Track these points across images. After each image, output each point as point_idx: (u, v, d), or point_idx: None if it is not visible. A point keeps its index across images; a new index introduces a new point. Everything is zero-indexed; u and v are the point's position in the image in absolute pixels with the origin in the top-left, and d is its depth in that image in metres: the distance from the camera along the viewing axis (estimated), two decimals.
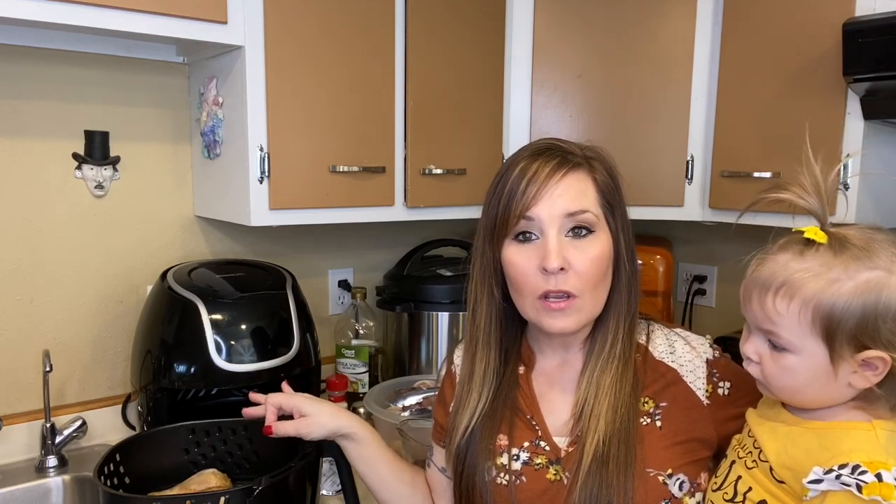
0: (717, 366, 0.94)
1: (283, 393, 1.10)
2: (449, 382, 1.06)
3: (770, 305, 0.75)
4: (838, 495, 0.69)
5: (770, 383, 0.79)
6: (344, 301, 1.93)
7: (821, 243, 0.75)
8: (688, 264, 2.12)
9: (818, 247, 0.75)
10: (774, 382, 0.78)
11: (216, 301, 1.38)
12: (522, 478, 0.91)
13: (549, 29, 1.76)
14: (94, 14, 1.19)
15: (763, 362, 0.78)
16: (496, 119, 1.79)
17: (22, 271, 1.45)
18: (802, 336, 0.73)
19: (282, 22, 1.39)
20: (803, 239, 0.76)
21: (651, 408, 0.91)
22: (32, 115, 1.43)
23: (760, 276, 0.77)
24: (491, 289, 0.95)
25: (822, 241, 0.75)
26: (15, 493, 1.35)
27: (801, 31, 1.47)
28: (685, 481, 0.87)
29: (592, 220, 0.88)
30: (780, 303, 0.74)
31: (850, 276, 0.72)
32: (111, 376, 1.58)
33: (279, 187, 1.43)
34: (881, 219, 1.53)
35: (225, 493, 1.04)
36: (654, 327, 0.99)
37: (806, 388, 0.76)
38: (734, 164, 1.62)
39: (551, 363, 0.98)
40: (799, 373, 0.75)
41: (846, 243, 0.74)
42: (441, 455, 1.03)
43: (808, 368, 0.74)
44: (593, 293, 0.89)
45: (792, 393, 0.78)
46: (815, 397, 0.76)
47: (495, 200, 0.91)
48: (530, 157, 0.90)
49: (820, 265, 0.73)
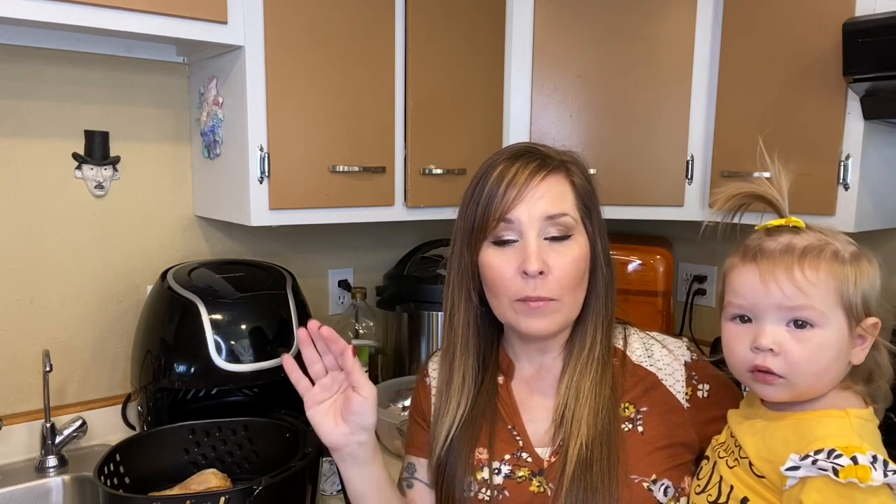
0: (696, 368, 0.94)
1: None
2: (424, 395, 1.03)
3: (800, 276, 0.74)
4: (816, 481, 0.69)
5: (797, 371, 0.75)
6: (344, 301, 1.93)
7: (802, 228, 0.79)
8: (688, 264, 2.12)
9: (802, 230, 0.79)
10: (803, 368, 0.75)
11: (216, 301, 1.38)
12: (505, 492, 0.89)
13: (549, 29, 1.76)
14: (94, 14, 1.19)
15: (785, 350, 0.75)
16: (496, 119, 1.79)
17: (22, 271, 1.45)
18: (830, 305, 0.74)
19: (282, 22, 1.39)
20: (784, 226, 0.80)
21: (632, 413, 0.91)
22: (32, 115, 1.43)
23: (776, 253, 0.76)
24: (469, 293, 0.94)
25: (802, 226, 0.79)
26: (15, 493, 1.35)
27: (801, 31, 1.47)
28: (669, 486, 0.87)
29: (571, 224, 0.88)
30: (810, 272, 0.74)
31: (844, 248, 0.76)
32: (111, 376, 1.58)
33: (279, 187, 1.43)
34: (881, 219, 1.53)
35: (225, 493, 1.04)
36: (630, 332, 0.99)
37: (830, 368, 0.76)
38: (734, 164, 1.62)
39: (529, 370, 0.97)
40: (828, 348, 0.75)
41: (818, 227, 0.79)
42: (424, 469, 1.00)
43: (836, 343, 0.75)
44: (572, 296, 0.89)
45: (816, 378, 0.76)
46: (833, 379, 0.77)
47: (473, 204, 0.90)
48: (508, 160, 0.90)
49: (819, 240, 0.77)
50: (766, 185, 0.83)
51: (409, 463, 1.03)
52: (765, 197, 0.82)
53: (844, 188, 1.43)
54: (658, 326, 1.87)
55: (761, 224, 0.82)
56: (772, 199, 0.82)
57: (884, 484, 0.67)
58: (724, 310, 0.82)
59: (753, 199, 0.84)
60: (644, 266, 1.90)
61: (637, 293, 1.90)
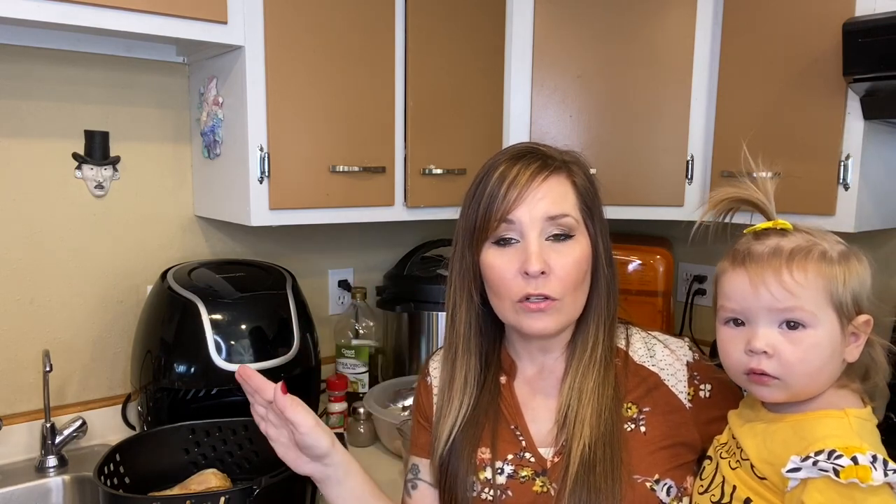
0: (698, 368, 0.94)
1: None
2: (426, 395, 1.03)
3: (788, 279, 0.75)
4: (817, 482, 0.69)
5: (792, 372, 0.75)
6: (344, 301, 1.93)
7: (790, 229, 0.79)
8: (688, 264, 2.12)
9: (790, 231, 0.79)
10: (798, 368, 0.75)
11: (216, 301, 1.38)
12: (508, 492, 0.89)
13: (549, 29, 1.76)
14: (94, 14, 1.19)
15: (779, 352, 0.75)
16: (496, 119, 1.79)
17: (22, 271, 1.45)
18: (820, 306, 0.75)
19: (282, 22, 1.39)
20: (772, 229, 0.80)
21: (634, 413, 0.91)
22: (32, 115, 1.43)
23: (764, 256, 0.77)
24: (470, 293, 0.94)
25: (790, 228, 0.80)
26: (15, 493, 1.35)
27: (801, 31, 1.47)
28: (672, 486, 0.87)
29: (572, 224, 0.88)
30: (798, 273, 0.75)
31: (832, 247, 0.77)
32: (111, 376, 1.58)
33: (279, 187, 1.43)
34: (881, 219, 1.53)
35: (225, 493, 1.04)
36: (632, 331, 0.99)
37: (824, 367, 0.76)
38: (734, 164, 1.59)
39: (531, 370, 0.97)
40: (822, 348, 0.75)
41: (806, 227, 0.80)
42: (428, 470, 1.00)
43: (829, 342, 0.75)
44: (573, 296, 0.89)
45: (810, 378, 0.76)
46: (828, 378, 0.77)
47: (475, 204, 0.90)
48: (510, 160, 0.90)
49: (807, 241, 0.77)
50: (752, 189, 0.83)
51: (412, 464, 1.03)
52: (751, 201, 0.83)
53: (844, 188, 1.43)
54: (658, 326, 1.87)
55: (750, 228, 0.82)
56: (758, 203, 0.82)
57: (884, 483, 0.67)
58: (718, 314, 0.82)
59: (741, 204, 0.84)
60: (644, 266, 1.90)
61: (637, 293, 1.90)
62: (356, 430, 1.61)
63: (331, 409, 1.65)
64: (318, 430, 0.90)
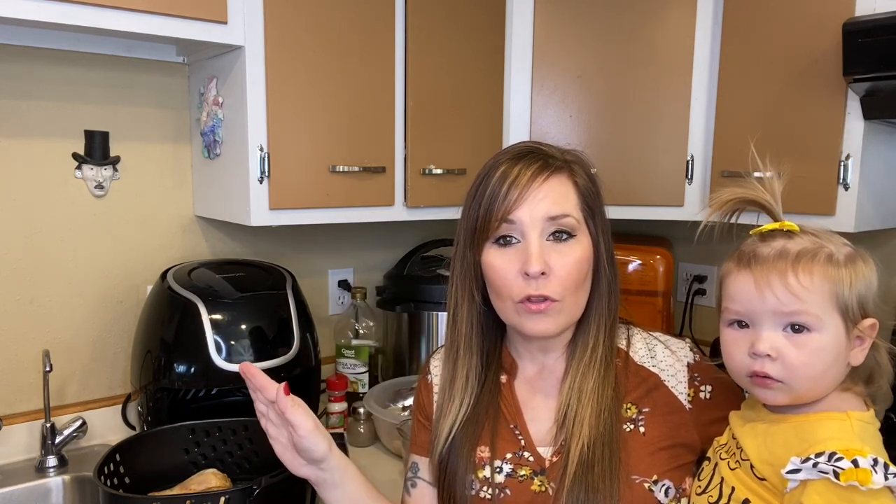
0: (699, 369, 0.94)
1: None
2: (426, 393, 1.04)
3: (794, 282, 0.74)
4: (817, 484, 0.69)
5: (795, 375, 0.75)
6: (344, 301, 1.93)
7: (796, 231, 0.79)
8: (688, 264, 2.12)
9: (796, 233, 0.79)
10: (802, 372, 0.75)
11: (216, 301, 1.38)
12: (507, 490, 0.90)
13: (549, 29, 1.76)
14: (94, 14, 1.19)
15: (783, 355, 0.75)
16: (496, 119, 1.79)
17: (22, 271, 1.45)
18: (825, 309, 0.74)
19: (282, 22, 1.39)
20: (778, 231, 0.80)
21: (634, 413, 0.91)
22: (32, 115, 1.43)
23: (770, 258, 0.76)
24: (471, 293, 0.94)
25: (797, 229, 0.79)
26: (15, 493, 1.35)
27: (801, 31, 1.47)
28: (671, 487, 0.87)
29: (573, 225, 0.88)
30: (804, 276, 0.74)
31: (838, 250, 0.76)
32: (111, 376, 1.58)
33: (279, 187, 1.43)
34: (881, 219, 1.53)
35: (225, 493, 1.04)
36: (633, 332, 0.99)
37: (829, 371, 0.75)
38: (734, 164, 1.62)
39: (532, 370, 0.97)
40: (826, 352, 0.74)
41: (812, 229, 0.79)
42: (427, 468, 1.00)
43: (834, 346, 0.75)
44: (574, 297, 0.89)
45: (814, 382, 0.76)
46: (832, 381, 0.76)
47: (476, 204, 0.90)
48: (511, 160, 0.90)
49: (813, 243, 0.77)
50: (759, 190, 0.82)
51: (412, 462, 1.03)
52: (758, 202, 0.82)
53: (844, 188, 1.43)
54: (658, 326, 1.87)
55: (756, 229, 0.81)
56: (765, 204, 0.82)
57: (884, 487, 0.67)
58: (722, 315, 0.82)
59: (747, 204, 0.83)
60: (644, 266, 1.90)
61: (637, 293, 1.90)
62: (356, 430, 1.61)
63: (331, 409, 1.65)
64: (316, 434, 0.90)
